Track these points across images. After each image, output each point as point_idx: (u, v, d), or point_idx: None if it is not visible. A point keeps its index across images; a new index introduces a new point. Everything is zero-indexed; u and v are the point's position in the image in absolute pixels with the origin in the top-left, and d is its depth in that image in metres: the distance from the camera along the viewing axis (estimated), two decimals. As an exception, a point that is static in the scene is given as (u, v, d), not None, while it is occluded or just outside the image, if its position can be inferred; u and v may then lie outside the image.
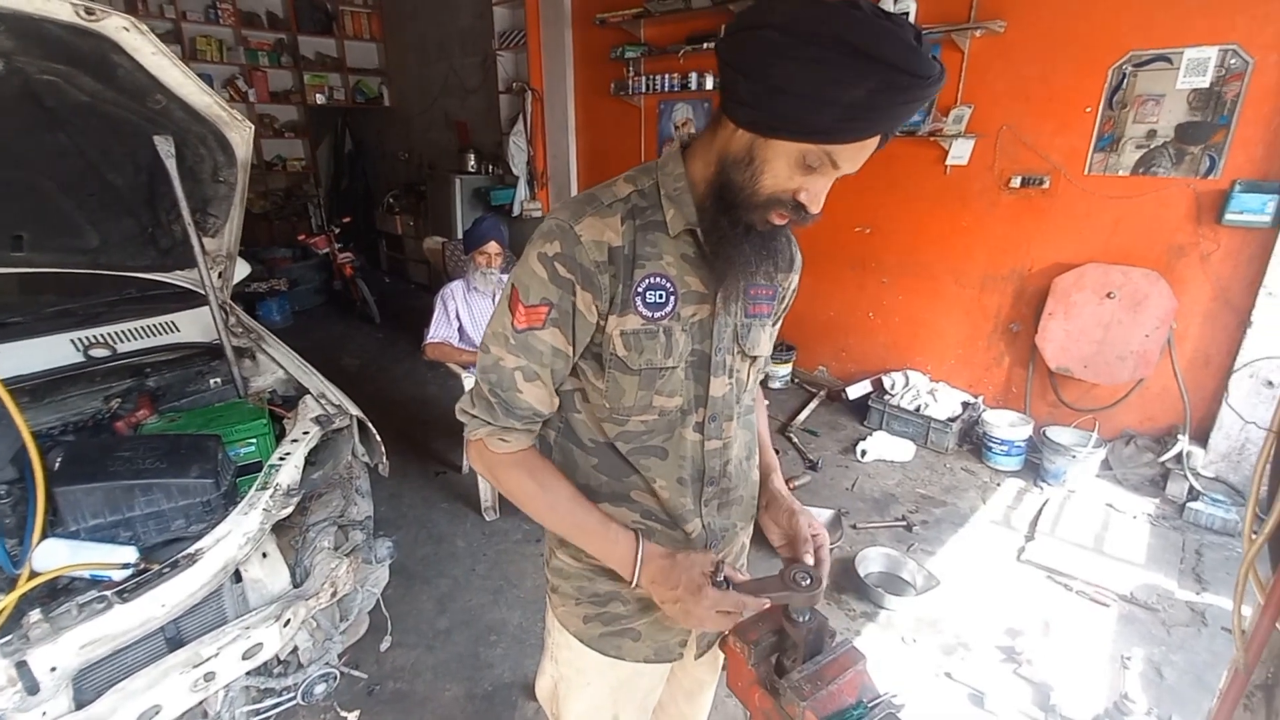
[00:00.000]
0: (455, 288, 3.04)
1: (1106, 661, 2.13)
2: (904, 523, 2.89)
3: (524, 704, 2.01)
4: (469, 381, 2.00)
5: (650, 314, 0.84)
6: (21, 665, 1.09)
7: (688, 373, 0.89)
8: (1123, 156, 2.96)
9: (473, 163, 6.02)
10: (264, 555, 1.58)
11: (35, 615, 1.15)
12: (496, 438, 0.90)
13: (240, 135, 1.72)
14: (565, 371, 0.89)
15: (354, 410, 1.96)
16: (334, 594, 1.70)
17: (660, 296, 0.84)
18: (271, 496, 1.57)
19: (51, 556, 1.35)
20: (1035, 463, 3.28)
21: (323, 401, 1.94)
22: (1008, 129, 3.22)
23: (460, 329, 3.03)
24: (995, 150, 3.28)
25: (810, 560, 0.93)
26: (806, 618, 0.89)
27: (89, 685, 1.25)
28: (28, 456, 1.42)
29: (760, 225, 0.79)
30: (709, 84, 4.33)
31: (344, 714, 1.89)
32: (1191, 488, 2.89)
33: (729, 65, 0.73)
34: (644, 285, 0.83)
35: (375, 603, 1.99)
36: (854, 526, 2.88)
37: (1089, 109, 2.98)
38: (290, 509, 1.62)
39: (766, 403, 3.81)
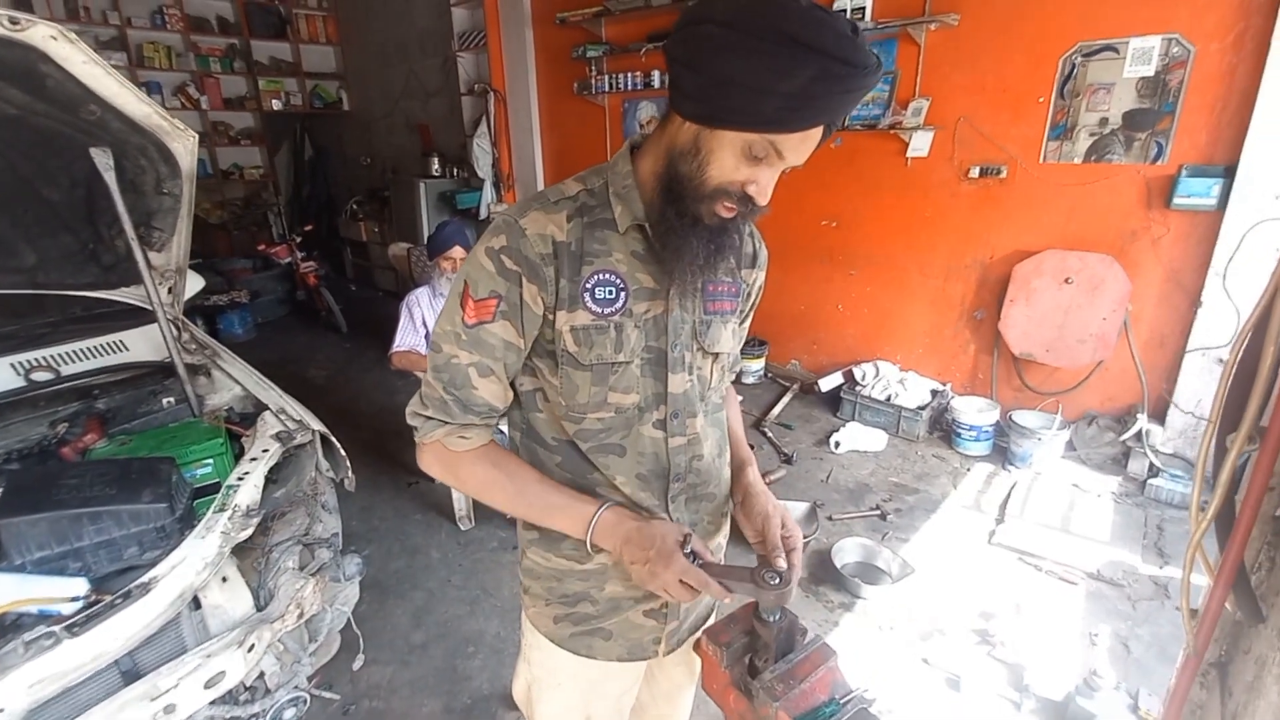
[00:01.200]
0: (421, 294, 2.98)
1: (1076, 639, 2.18)
2: (878, 512, 2.93)
3: (503, 715, 1.98)
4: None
5: (600, 310, 0.85)
6: (-40, 711, 1.04)
7: (644, 369, 0.90)
8: (1077, 144, 3.03)
9: (437, 166, 5.93)
10: (224, 579, 1.53)
11: (-26, 657, 1.09)
12: (456, 436, 0.89)
13: (184, 145, 1.66)
14: (517, 366, 0.89)
15: (316, 425, 1.91)
16: (300, 615, 1.65)
17: (609, 292, 0.85)
18: (230, 518, 1.52)
19: (-6, 593, 1.29)
20: (1003, 447, 3.35)
21: (282, 417, 1.89)
22: (965, 120, 3.27)
23: (427, 336, 2.97)
24: (954, 141, 3.33)
25: (782, 563, 0.93)
26: (776, 617, 0.89)
27: (38, 727, 1.19)
28: (-36, 489, 1.35)
29: (708, 218, 0.79)
30: (671, 81, 4.32)
31: (317, 737, 1.85)
32: (1151, 465, 2.97)
33: (675, 60, 0.74)
34: (592, 282, 0.84)
35: (346, 621, 1.95)
36: (830, 518, 2.90)
37: (1042, 99, 3.05)
38: (251, 530, 1.57)
39: (741, 398, 3.84)
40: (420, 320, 2.94)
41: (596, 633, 1.02)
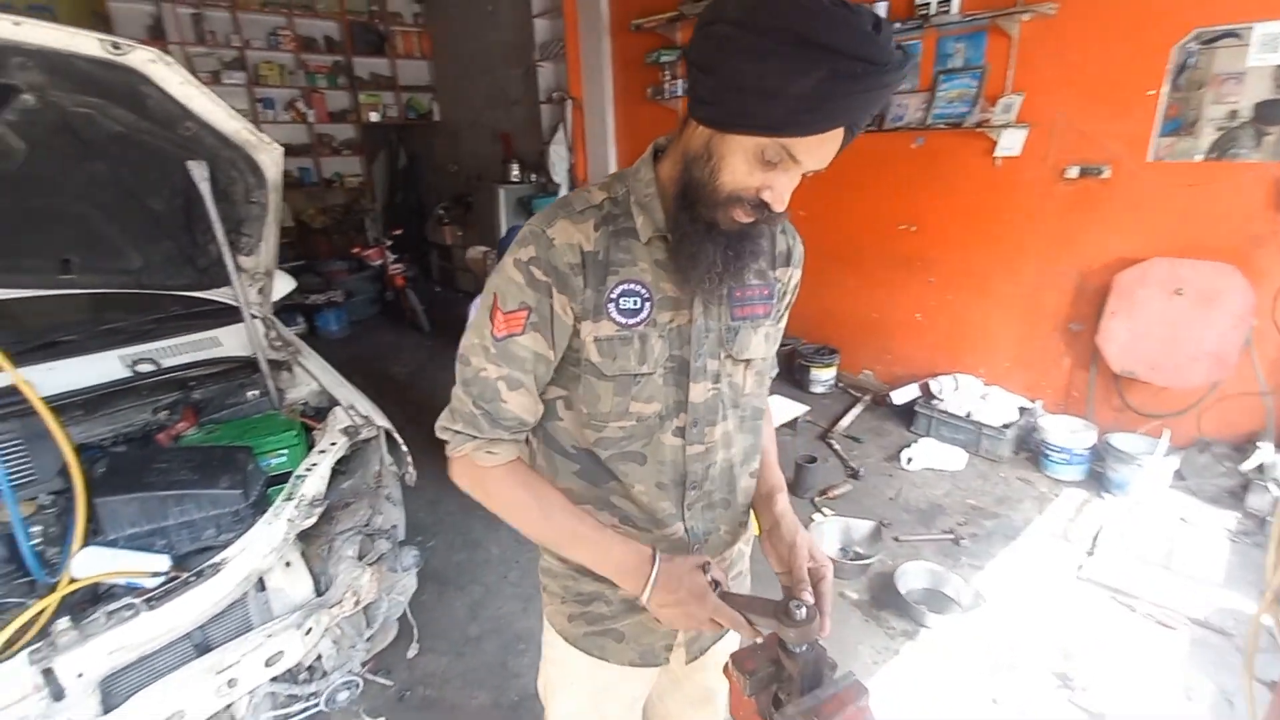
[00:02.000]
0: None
1: (1171, 691, 1.95)
2: (951, 535, 2.75)
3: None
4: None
5: (624, 320, 0.83)
6: (48, 672, 1.16)
7: (666, 378, 0.88)
8: (1200, 139, 2.71)
9: (516, 172, 6.12)
10: (288, 564, 1.63)
11: (63, 623, 1.22)
12: (484, 451, 0.88)
13: (270, 157, 1.79)
14: (547, 377, 0.88)
15: (381, 421, 2.00)
16: (357, 602, 1.73)
17: (634, 303, 0.83)
18: (296, 506, 1.62)
19: (90, 564, 1.43)
20: (1099, 472, 3.06)
21: (351, 413, 1.99)
22: (1062, 116, 3.02)
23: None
24: (1049, 139, 3.08)
25: (808, 596, 0.88)
26: (803, 649, 0.85)
27: (117, 689, 1.31)
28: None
29: (725, 224, 0.77)
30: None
31: (370, 720, 1.93)
32: (1277, 500, 2.62)
33: (691, 63, 0.72)
34: (618, 292, 0.83)
35: (403, 610, 2.03)
36: (896, 539, 2.75)
37: (1151, 92, 2.76)
38: (314, 519, 1.66)
39: (808, 408, 3.72)
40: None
41: (609, 634, 1.01)
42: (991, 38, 3.16)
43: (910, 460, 3.30)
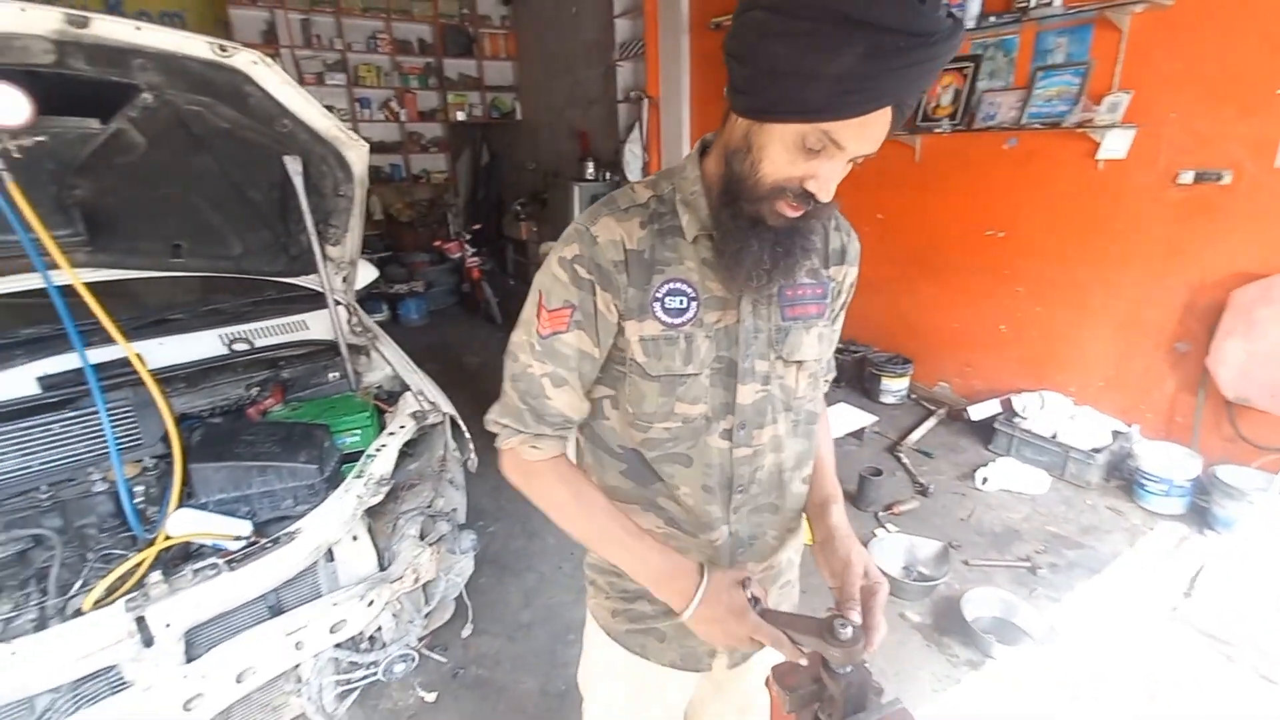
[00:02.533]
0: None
1: (1277, 757, 1.76)
2: (1028, 563, 2.58)
3: (592, 708, 2.02)
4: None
5: (670, 320, 0.82)
6: (140, 620, 1.27)
7: (713, 379, 0.86)
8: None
9: (591, 170, 6.21)
10: (355, 538, 1.72)
11: (155, 576, 1.33)
12: (528, 445, 0.89)
13: (356, 154, 1.89)
14: (593, 375, 0.88)
15: (447, 408, 2.08)
16: (417, 579, 1.81)
17: (681, 302, 0.82)
18: (365, 484, 1.71)
19: (183, 524, 1.56)
20: (1202, 507, 2.79)
21: (420, 398, 2.08)
22: (1176, 117, 2.76)
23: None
24: (1159, 141, 2.83)
25: (856, 616, 0.84)
26: (847, 670, 0.81)
27: (198, 642, 1.42)
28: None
29: (771, 219, 0.74)
30: (826, 82, 4.13)
31: (423, 694, 2.01)
32: None
33: (728, 54, 0.71)
34: (664, 291, 0.82)
35: (459, 591, 2.10)
36: (965, 562, 2.61)
37: (1283, 89, 2.49)
38: (381, 497, 1.75)
39: (876, 419, 3.58)
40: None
41: (651, 633, 1.01)
42: (1098, 31, 2.93)
43: (986, 480, 3.12)
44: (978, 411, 3.57)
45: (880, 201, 4.10)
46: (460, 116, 7.75)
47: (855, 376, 4.29)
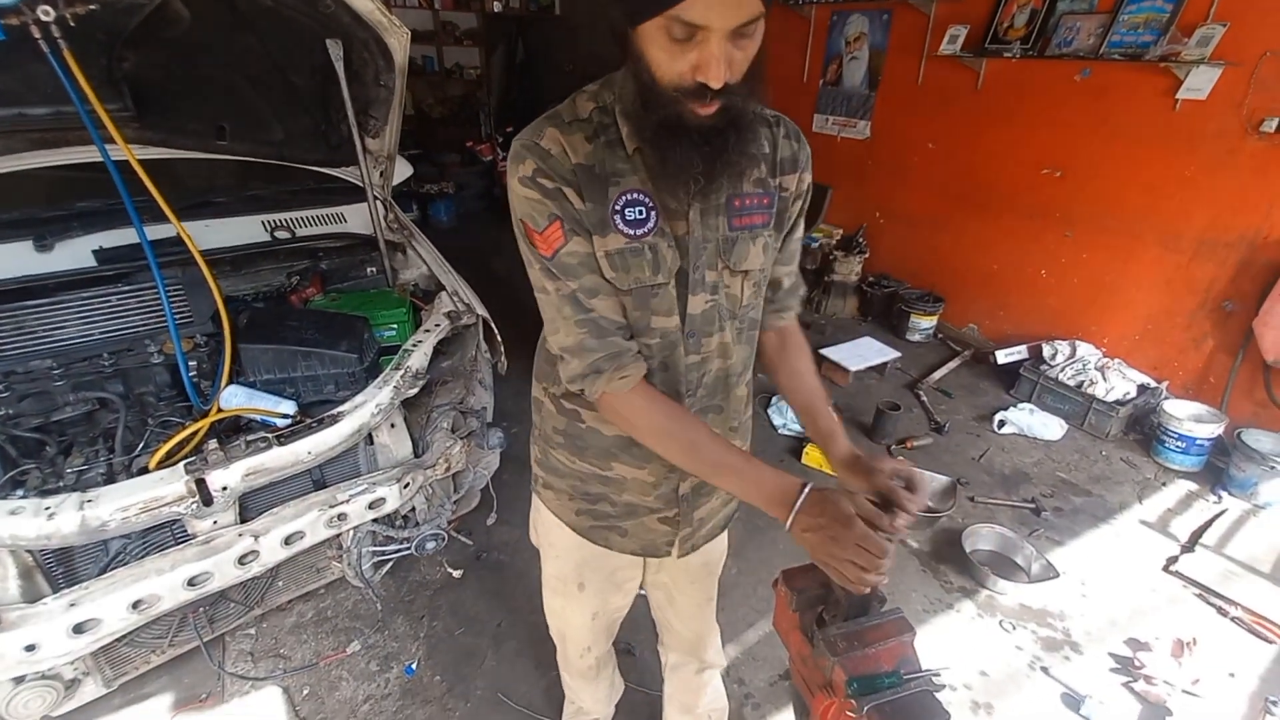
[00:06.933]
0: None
1: (1246, 699, 1.86)
2: (1032, 505, 2.64)
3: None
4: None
5: (632, 232, 0.82)
6: (200, 482, 1.38)
7: (676, 289, 0.87)
8: None
9: (631, 77, 5.93)
10: (392, 425, 1.81)
11: (213, 444, 1.43)
12: (616, 378, 0.86)
13: (398, 41, 1.84)
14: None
15: (480, 310, 2.12)
16: (448, 468, 1.92)
17: (640, 213, 0.82)
18: (402, 377, 1.79)
19: (234, 398, 1.66)
20: (1219, 467, 2.80)
21: (455, 299, 2.13)
22: (1272, 55, 2.54)
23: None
24: (1249, 83, 2.62)
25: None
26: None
27: (251, 506, 1.54)
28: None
29: (690, 118, 0.73)
30: (892, -8, 3.84)
31: (450, 570, 2.18)
32: None
33: None
34: (622, 203, 0.81)
35: (486, 483, 2.23)
36: (971, 499, 2.68)
37: (1405, 30, 2.26)
38: (417, 390, 1.83)
39: (898, 354, 3.57)
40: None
41: (614, 529, 1.08)
42: (1200, -49, 2.67)
43: (1002, 424, 3.14)
44: (1004, 355, 3.54)
45: (933, 130, 3.90)
46: (497, 7, 7.35)
47: (884, 312, 4.25)
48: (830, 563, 0.79)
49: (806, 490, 0.81)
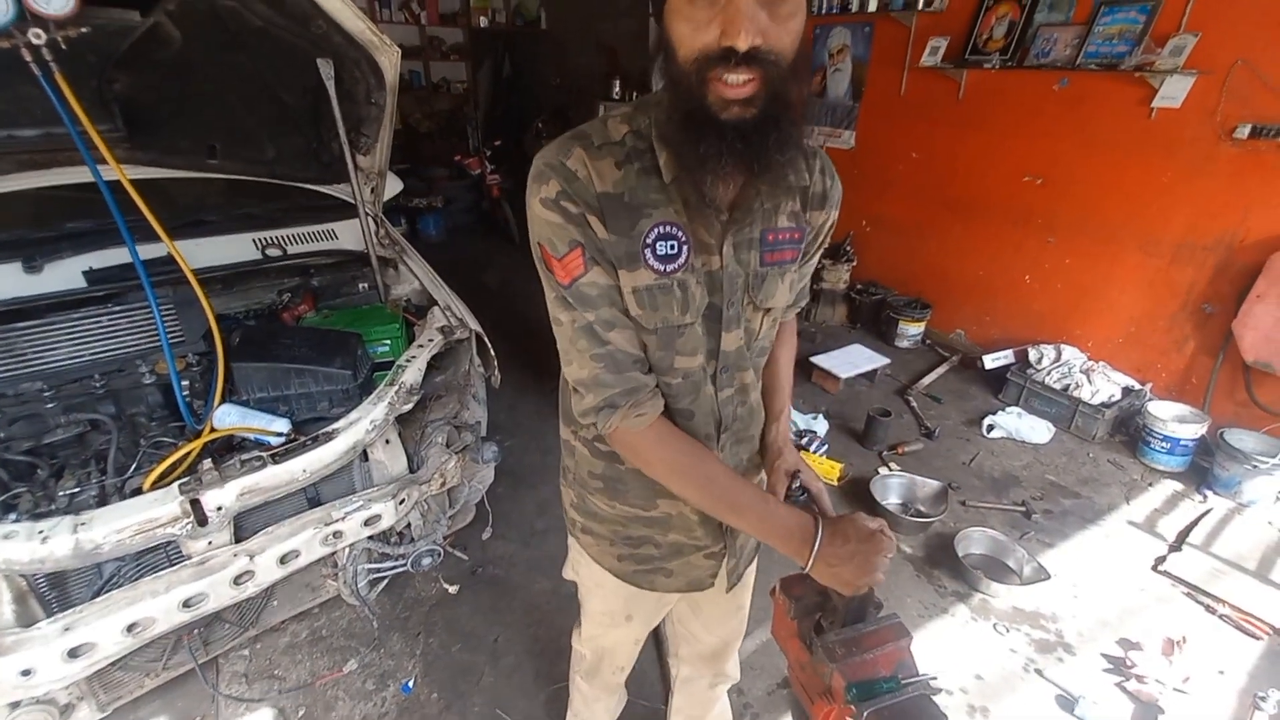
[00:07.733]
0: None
1: (1236, 696, 1.88)
2: (1023, 508, 2.67)
3: (600, 610, 2.18)
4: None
5: (662, 267, 0.78)
6: (195, 503, 1.37)
7: (705, 326, 0.85)
8: None
9: (617, 89, 5.99)
10: (387, 441, 1.81)
11: (207, 464, 1.43)
12: (632, 415, 0.83)
13: (389, 59, 1.85)
14: (624, 306, 0.82)
15: (473, 325, 2.13)
16: (443, 483, 1.92)
17: (672, 247, 0.78)
18: (396, 392, 1.79)
19: (227, 418, 1.65)
20: (1203, 467, 2.85)
21: (448, 313, 2.13)
22: (1243, 64, 2.62)
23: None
24: (1221, 91, 2.70)
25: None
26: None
27: (246, 526, 1.54)
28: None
29: (717, 108, 0.67)
30: (872, 4, 3.91)
31: (446, 586, 2.17)
32: None
33: None
34: (653, 236, 0.77)
35: (481, 497, 2.23)
36: (963, 503, 2.71)
37: (1367, 40, 2.34)
38: (411, 405, 1.83)
39: (888, 360, 3.61)
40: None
41: (659, 571, 1.07)
42: (1173, -36, 2.75)
43: (991, 428, 3.18)
44: (991, 360, 3.59)
45: (916, 140, 3.96)
46: (483, 22, 7.40)
47: (873, 319, 4.29)
48: (867, 581, 0.80)
49: (821, 528, 0.81)
